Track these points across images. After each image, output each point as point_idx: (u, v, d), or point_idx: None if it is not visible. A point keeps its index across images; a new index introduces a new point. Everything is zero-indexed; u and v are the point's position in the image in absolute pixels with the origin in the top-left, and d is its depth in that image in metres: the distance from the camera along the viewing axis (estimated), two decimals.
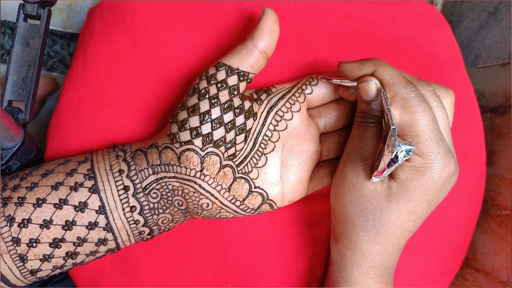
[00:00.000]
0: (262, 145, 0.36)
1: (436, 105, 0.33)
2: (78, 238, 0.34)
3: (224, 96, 0.34)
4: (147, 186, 0.34)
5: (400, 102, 0.31)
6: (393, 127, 0.29)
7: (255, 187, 0.36)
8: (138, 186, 0.34)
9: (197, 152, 0.33)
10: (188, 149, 0.33)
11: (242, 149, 0.35)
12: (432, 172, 0.31)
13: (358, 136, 0.34)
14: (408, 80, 0.32)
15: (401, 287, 0.44)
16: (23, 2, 0.37)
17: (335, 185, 0.35)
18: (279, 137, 0.37)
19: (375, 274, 0.35)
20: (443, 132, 0.33)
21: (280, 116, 0.37)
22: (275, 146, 0.37)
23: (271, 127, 0.37)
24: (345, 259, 0.35)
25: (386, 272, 0.35)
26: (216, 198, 0.35)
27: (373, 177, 0.31)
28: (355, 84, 0.35)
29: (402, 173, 0.31)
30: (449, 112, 0.35)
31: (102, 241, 0.35)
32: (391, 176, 0.32)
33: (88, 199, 0.34)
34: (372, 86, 0.33)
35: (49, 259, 0.34)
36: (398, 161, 0.29)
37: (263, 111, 0.37)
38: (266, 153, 0.36)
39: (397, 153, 0.28)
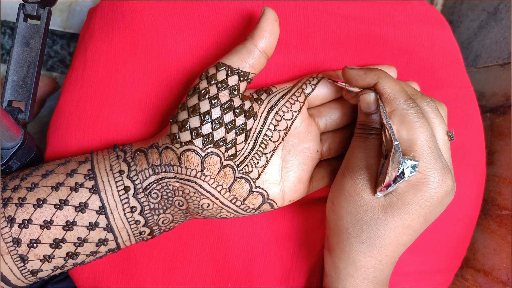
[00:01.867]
0: (263, 145, 0.36)
1: (438, 121, 0.33)
2: (78, 238, 0.34)
3: (224, 96, 0.34)
4: (148, 187, 0.34)
5: (398, 118, 0.31)
6: (396, 142, 0.30)
7: (256, 187, 0.36)
8: (139, 186, 0.34)
9: (198, 152, 0.33)
10: (189, 150, 0.33)
11: (242, 149, 0.35)
12: (429, 188, 0.31)
13: (357, 147, 0.34)
14: (409, 95, 0.32)
15: (395, 286, 0.44)
16: (23, 2, 0.37)
17: (332, 195, 0.35)
18: (280, 137, 0.37)
19: (368, 286, 0.35)
20: (442, 149, 0.33)
21: (280, 116, 0.37)
22: (275, 146, 0.37)
23: (272, 127, 0.37)
24: (338, 270, 0.35)
25: (380, 285, 0.35)
26: (217, 198, 0.35)
27: (377, 192, 0.31)
28: (358, 90, 0.35)
29: (399, 187, 0.31)
30: None
31: (102, 242, 0.35)
32: None
33: (88, 199, 0.34)
34: (372, 98, 0.33)
35: (50, 260, 0.34)
36: (404, 177, 0.29)
37: (263, 111, 0.37)
38: (267, 153, 0.36)
39: (403, 169, 0.29)
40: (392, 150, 0.30)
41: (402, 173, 0.29)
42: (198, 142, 0.33)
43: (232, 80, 0.34)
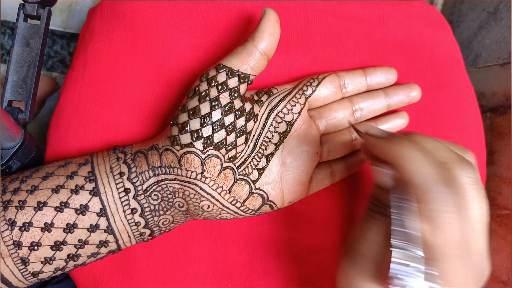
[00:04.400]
0: (263, 147, 0.36)
1: (476, 198, 0.26)
2: (79, 240, 0.34)
3: (224, 98, 0.34)
4: (148, 188, 0.34)
5: (427, 214, 0.25)
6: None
7: (256, 189, 0.36)
8: (139, 188, 0.34)
9: (198, 154, 0.33)
10: (189, 152, 0.33)
11: (242, 151, 0.35)
12: None
13: (368, 229, 0.30)
14: (443, 179, 0.25)
15: None
16: (23, 2, 0.37)
17: (340, 280, 0.31)
18: (280, 139, 0.37)
19: None
20: (474, 235, 0.26)
21: (280, 117, 0.37)
22: (275, 148, 0.37)
23: (272, 129, 0.37)
24: None
25: None
26: (217, 200, 0.35)
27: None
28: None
29: None
30: None
31: (103, 243, 0.35)
32: None
33: (89, 202, 0.34)
34: (387, 177, 0.27)
35: (51, 262, 0.34)
36: None
37: (263, 112, 0.37)
38: (267, 155, 0.36)
39: None
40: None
41: None
42: (199, 144, 0.33)
43: (233, 82, 0.34)
